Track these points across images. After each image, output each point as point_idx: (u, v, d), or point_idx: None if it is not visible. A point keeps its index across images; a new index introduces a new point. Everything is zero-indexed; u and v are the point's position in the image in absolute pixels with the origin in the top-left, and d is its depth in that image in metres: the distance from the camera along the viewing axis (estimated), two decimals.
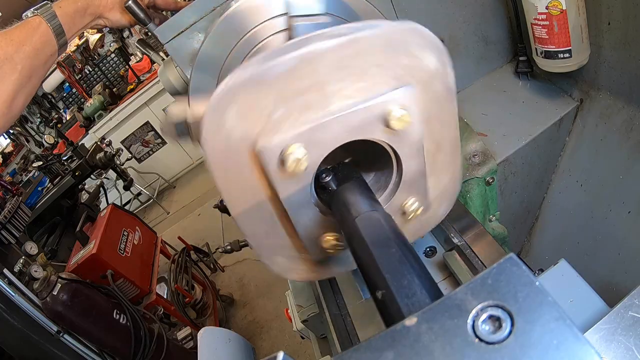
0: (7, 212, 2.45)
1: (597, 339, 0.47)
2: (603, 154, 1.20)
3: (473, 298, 0.29)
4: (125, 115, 5.06)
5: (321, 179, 0.60)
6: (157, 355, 2.25)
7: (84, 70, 5.87)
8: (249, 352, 1.10)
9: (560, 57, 1.08)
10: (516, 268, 0.30)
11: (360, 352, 0.30)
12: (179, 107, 0.65)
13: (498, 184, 1.28)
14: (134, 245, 2.78)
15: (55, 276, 2.00)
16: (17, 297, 1.86)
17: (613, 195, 1.17)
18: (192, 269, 3.12)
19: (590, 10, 1.03)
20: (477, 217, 1.22)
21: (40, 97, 6.14)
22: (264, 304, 3.09)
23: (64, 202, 3.10)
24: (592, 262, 1.25)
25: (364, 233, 0.47)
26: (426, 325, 0.29)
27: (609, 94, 1.16)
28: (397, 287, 0.39)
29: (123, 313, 2.20)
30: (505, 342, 0.27)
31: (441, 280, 0.91)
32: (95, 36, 5.74)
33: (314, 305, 1.11)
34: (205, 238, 3.85)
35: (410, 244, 0.46)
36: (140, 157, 5.40)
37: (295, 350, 2.48)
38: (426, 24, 0.49)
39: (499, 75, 1.37)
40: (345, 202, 0.54)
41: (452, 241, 0.90)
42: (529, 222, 1.50)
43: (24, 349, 1.87)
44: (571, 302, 0.62)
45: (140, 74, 5.39)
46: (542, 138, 1.25)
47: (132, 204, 5.33)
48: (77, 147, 3.55)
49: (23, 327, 1.84)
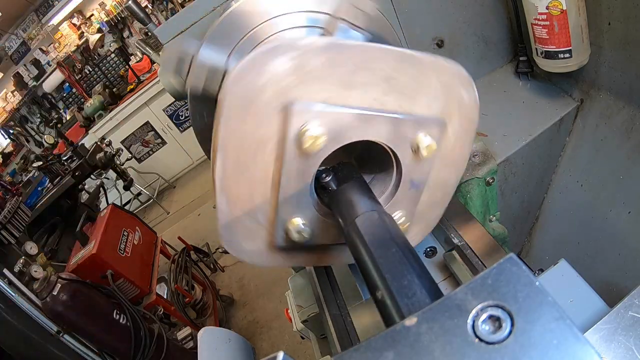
0: (7, 212, 2.45)
1: (597, 339, 0.47)
2: (603, 154, 1.20)
3: (473, 298, 0.29)
4: (125, 115, 5.07)
5: (321, 179, 0.60)
6: (157, 355, 2.25)
7: (84, 70, 5.88)
8: (249, 352, 1.10)
9: (561, 57, 1.08)
10: (516, 268, 0.30)
11: (360, 352, 0.30)
12: (178, 44, 0.65)
13: (498, 184, 1.27)
14: (134, 245, 2.78)
15: (55, 276, 2.00)
16: (17, 297, 1.87)
17: (613, 195, 1.17)
18: (192, 269, 3.12)
19: (590, 11, 1.02)
20: (478, 217, 1.21)
21: (40, 97, 6.15)
22: (264, 304, 3.09)
23: (64, 202, 3.10)
24: (592, 262, 1.25)
25: (364, 233, 0.47)
26: (426, 325, 0.29)
27: (609, 94, 1.16)
28: (397, 287, 0.39)
29: (123, 313, 2.19)
30: (505, 342, 0.27)
31: (441, 280, 0.91)
32: (95, 36, 5.75)
33: (314, 306, 1.10)
34: (205, 238, 3.86)
35: (410, 244, 0.46)
36: (140, 157, 5.40)
37: (295, 350, 2.48)
38: (426, 24, 0.50)
39: (499, 76, 1.37)
40: (345, 202, 0.54)
41: (452, 241, 0.90)
42: (529, 222, 1.49)
43: (24, 349, 1.87)
44: (571, 302, 0.62)
45: (140, 74, 5.39)
46: (543, 138, 1.25)
47: (132, 204, 5.33)
48: (77, 147, 3.55)
49: (23, 327, 1.84)
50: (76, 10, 5.80)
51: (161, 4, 5.38)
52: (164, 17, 5.34)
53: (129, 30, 5.85)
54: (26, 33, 5.79)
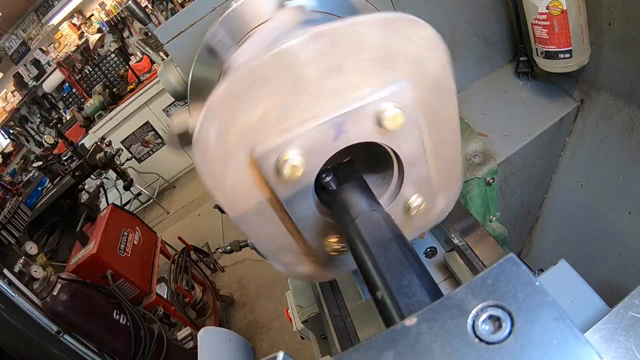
0: (7, 212, 2.45)
1: (597, 339, 0.47)
2: (603, 154, 1.20)
3: (473, 298, 0.29)
4: (125, 115, 5.07)
5: (321, 179, 0.60)
6: (157, 356, 2.25)
7: (84, 70, 5.88)
8: (249, 352, 1.10)
9: (561, 57, 1.08)
10: (516, 268, 0.30)
11: (360, 352, 0.30)
12: (180, 117, 0.65)
13: (498, 184, 1.27)
14: (134, 245, 2.78)
15: (55, 276, 2.00)
16: (17, 297, 1.87)
17: (613, 195, 1.17)
18: (192, 269, 3.12)
19: (590, 11, 1.02)
20: (478, 217, 1.22)
21: (40, 97, 6.15)
22: (264, 304, 3.09)
23: (64, 202, 3.10)
24: (592, 262, 1.25)
25: (364, 233, 0.47)
26: (426, 325, 0.29)
27: (609, 94, 1.16)
28: (397, 287, 0.39)
29: (123, 313, 2.19)
30: (505, 342, 0.27)
31: (441, 280, 0.91)
32: (95, 36, 5.75)
33: (314, 306, 1.10)
34: (205, 238, 3.86)
35: (410, 244, 0.46)
36: (140, 157, 5.40)
37: (295, 350, 2.47)
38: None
39: (500, 76, 1.37)
40: (345, 202, 0.54)
41: (453, 242, 0.90)
42: (529, 223, 1.49)
43: (24, 349, 1.87)
44: (571, 302, 0.62)
45: (140, 74, 5.39)
46: (543, 138, 1.25)
47: (132, 204, 5.33)
48: (77, 147, 3.55)
49: (23, 327, 1.84)
50: (76, 10, 5.80)
51: (161, 4, 5.38)
52: (164, 17, 5.34)
53: (129, 30, 5.85)
54: (26, 33, 5.79)
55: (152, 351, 2.21)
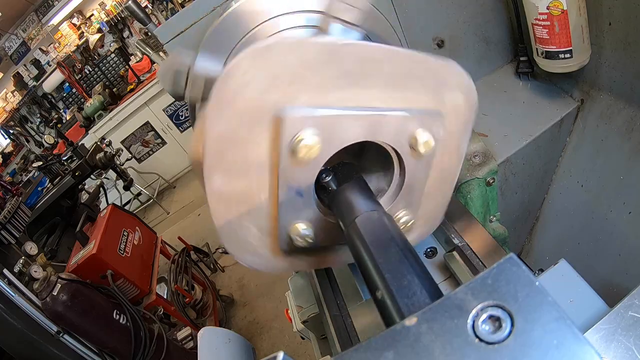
0: (7, 212, 2.45)
1: (597, 339, 0.47)
2: (604, 154, 1.19)
3: (473, 298, 0.29)
4: (125, 115, 5.07)
5: (321, 179, 0.60)
6: (157, 356, 2.25)
7: (84, 70, 5.88)
8: (249, 352, 1.10)
9: (561, 58, 1.08)
10: (516, 268, 0.30)
11: (360, 352, 0.30)
12: (181, 57, 0.64)
13: (499, 184, 1.27)
14: (134, 245, 2.78)
15: (55, 276, 2.00)
16: (17, 297, 1.87)
17: (613, 195, 1.17)
18: (192, 269, 3.12)
19: (591, 11, 1.02)
20: (478, 217, 1.22)
21: (40, 97, 6.15)
22: (264, 304, 3.09)
23: (64, 202, 3.09)
24: (592, 263, 1.25)
25: (364, 233, 0.47)
26: (426, 325, 0.29)
27: (609, 95, 1.16)
28: (397, 287, 0.39)
29: (123, 313, 2.19)
30: (505, 342, 0.27)
31: (442, 281, 0.91)
32: (95, 36, 5.75)
33: (314, 306, 1.10)
34: (205, 238, 3.85)
35: (410, 244, 0.46)
36: (140, 157, 5.40)
37: (295, 350, 2.47)
38: (427, 25, 0.49)
39: (500, 76, 1.37)
40: (346, 202, 0.54)
41: (453, 242, 0.89)
42: (529, 223, 1.49)
43: (24, 349, 1.87)
44: (571, 302, 0.62)
45: (140, 74, 5.40)
46: (543, 138, 1.25)
47: (132, 204, 5.33)
48: (77, 147, 3.55)
49: (23, 327, 1.84)
50: (76, 10, 5.80)
51: (161, 4, 5.38)
52: (164, 17, 5.34)
53: (129, 30, 5.86)
54: (26, 33, 5.80)
55: (152, 351, 2.21)
